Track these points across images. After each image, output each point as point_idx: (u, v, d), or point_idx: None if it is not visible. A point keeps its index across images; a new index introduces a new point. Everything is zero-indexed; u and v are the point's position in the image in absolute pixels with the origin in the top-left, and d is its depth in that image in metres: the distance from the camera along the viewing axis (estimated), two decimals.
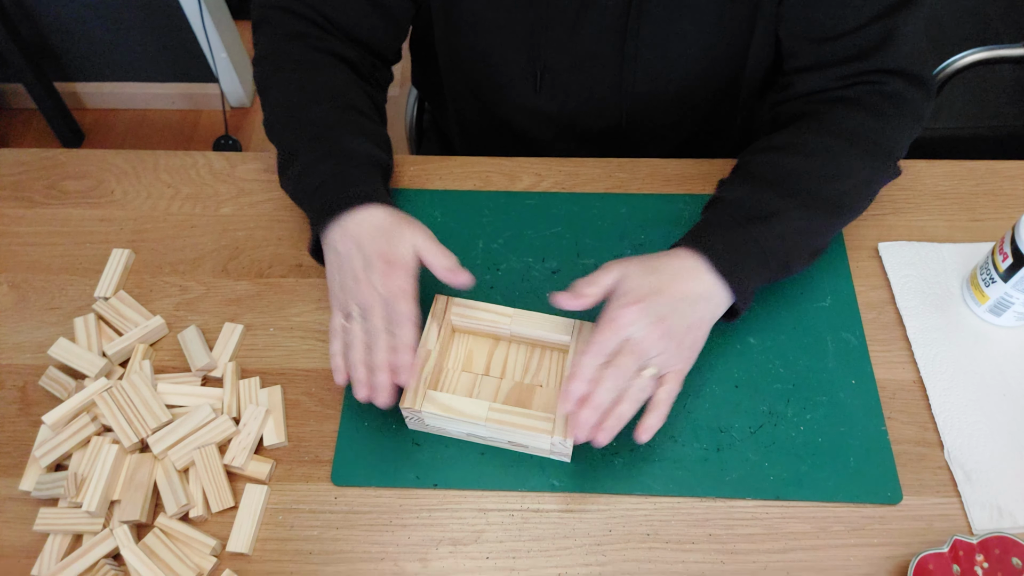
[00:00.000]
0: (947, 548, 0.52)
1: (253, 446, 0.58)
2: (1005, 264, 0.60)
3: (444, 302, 0.61)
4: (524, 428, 0.55)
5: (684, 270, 0.57)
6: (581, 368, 0.53)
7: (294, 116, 0.64)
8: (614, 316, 0.54)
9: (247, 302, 0.67)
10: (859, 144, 0.62)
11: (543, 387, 0.61)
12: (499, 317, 0.61)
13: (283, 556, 0.55)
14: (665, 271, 0.57)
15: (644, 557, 0.54)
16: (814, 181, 0.61)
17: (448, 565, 0.55)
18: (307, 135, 0.63)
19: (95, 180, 0.76)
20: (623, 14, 0.68)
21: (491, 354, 0.63)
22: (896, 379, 0.61)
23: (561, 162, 0.75)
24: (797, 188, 0.60)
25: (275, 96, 0.66)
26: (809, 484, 0.57)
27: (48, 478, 0.57)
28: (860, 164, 0.62)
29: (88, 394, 0.60)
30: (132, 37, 1.82)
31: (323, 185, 0.60)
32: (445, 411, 0.56)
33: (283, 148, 0.65)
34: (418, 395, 0.56)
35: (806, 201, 0.60)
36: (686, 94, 0.76)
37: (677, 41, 0.70)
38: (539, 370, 0.62)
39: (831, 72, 0.65)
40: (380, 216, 0.58)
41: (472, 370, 0.62)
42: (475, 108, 0.82)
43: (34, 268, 0.70)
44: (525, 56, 0.73)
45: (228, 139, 1.86)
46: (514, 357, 0.62)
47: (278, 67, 0.67)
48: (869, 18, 0.62)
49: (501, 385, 0.61)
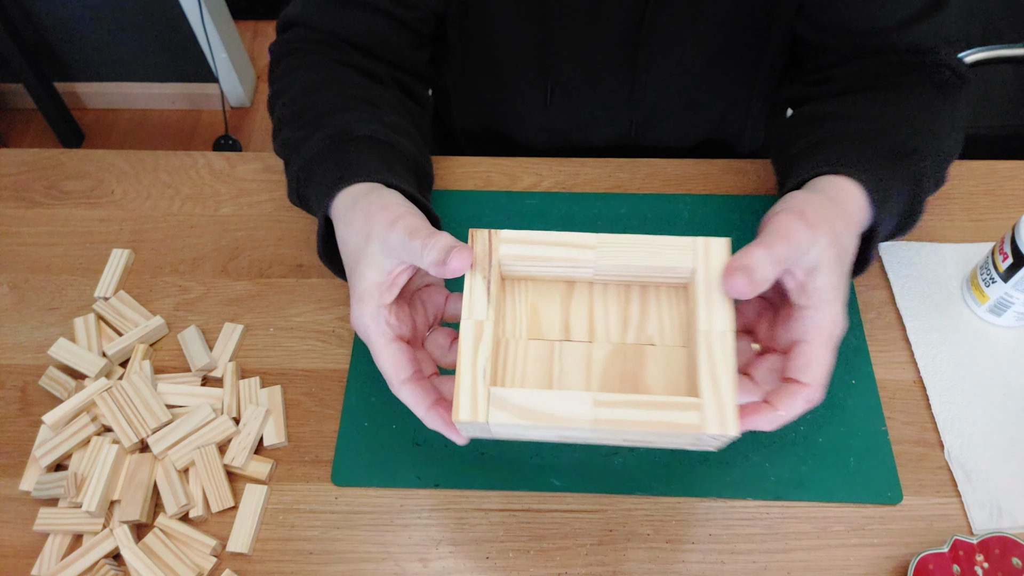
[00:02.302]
0: (947, 548, 0.52)
1: (253, 446, 0.58)
2: (1005, 264, 0.60)
3: (486, 238, 0.43)
4: (656, 426, 0.38)
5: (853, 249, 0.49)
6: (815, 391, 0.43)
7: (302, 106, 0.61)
8: (828, 328, 0.43)
9: (247, 302, 0.67)
10: (938, 105, 0.59)
11: (656, 346, 0.43)
12: (577, 250, 0.42)
13: (283, 556, 0.55)
14: (851, 248, 0.48)
15: (644, 557, 0.54)
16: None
17: (448, 565, 0.55)
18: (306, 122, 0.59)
19: (95, 180, 0.76)
20: (634, 27, 0.68)
21: (567, 307, 0.44)
22: (896, 379, 0.61)
23: (561, 162, 0.75)
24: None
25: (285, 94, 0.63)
26: (809, 484, 0.57)
27: (48, 478, 0.57)
28: (949, 121, 0.59)
29: (88, 394, 0.60)
30: (132, 37, 1.82)
31: (309, 167, 0.56)
32: (526, 417, 0.38)
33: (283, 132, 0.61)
34: (478, 398, 0.39)
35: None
36: (695, 105, 0.76)
37: (688, 53, 0.70)
38: (644, 321, 0.43)
39: (882, 59, 0.62)
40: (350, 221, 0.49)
41: (543, 336, 0.43)
42: (481, 121, 0.82)
43: (34, 268, 0.70)
44: (536, 71, 0.73)
45: (228, 139, 1.86)
46: (603, 307, 0.44)
47: (294, 68, 0.64)
48: (918, 8, 0.60)
49: (593, 353, 0.43)
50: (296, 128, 0.60)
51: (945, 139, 0.58)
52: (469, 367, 0.40)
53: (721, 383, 0.39)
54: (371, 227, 0.46)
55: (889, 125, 0.57)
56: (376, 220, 0.47)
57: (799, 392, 0.42)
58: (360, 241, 0.47)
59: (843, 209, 0.49)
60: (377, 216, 0.47)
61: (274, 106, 0.64)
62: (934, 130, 0.58)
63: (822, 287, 0.43)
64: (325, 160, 0.56)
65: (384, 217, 0.46)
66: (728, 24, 0.67)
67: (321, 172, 0.55)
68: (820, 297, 0.43)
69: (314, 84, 0.62)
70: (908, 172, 0.54)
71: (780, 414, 0.42)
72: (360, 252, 0.47)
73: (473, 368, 0.40)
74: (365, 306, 0.45)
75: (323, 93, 0.61)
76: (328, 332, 0.65)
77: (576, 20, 0.68)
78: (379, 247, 0.46)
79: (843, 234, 0.47)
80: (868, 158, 0.53)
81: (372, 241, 0.46)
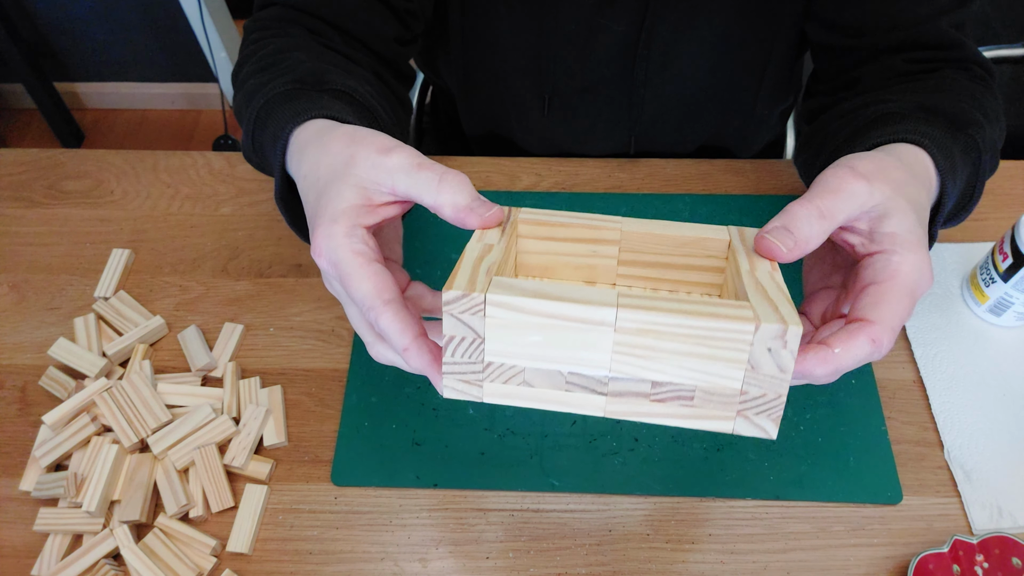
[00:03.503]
0: (947, 548, 0.52)
1: (253, 446, 0.58)
2: (1005, 264, 0.60)
3: (506, 214, 0.39)
4: (700, 316, 0.30)
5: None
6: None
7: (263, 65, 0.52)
8: (907, 272, 0.36)
9: (247, 302, 0.67)
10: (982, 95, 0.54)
11: None
12: (601, 223, 0.38)
13: (283, 556, 0.55)
14: (926, 210, 0.42)
15: (644, 557, 0.54)
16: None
17: (448, 565, 0.55)
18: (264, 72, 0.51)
19: (95, 180, 0.76)
20: (633, 39, 0.67)
21: None
22: (896, 379, 0.61)
23: (561, 162, 0.75)
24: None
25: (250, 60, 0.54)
26: (809, 484, 0.57)
27: (48, 478, 0.57)
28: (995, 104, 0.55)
29: (88, 394, 0.60)
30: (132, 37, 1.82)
31: (267, 105, 0.47)
32: (533, 295, 0.31)
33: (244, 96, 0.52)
34: (477, 277, 0.33)
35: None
36: (694, 116, 0.76)
37: (687, 64, 0.70)
38: None
39: (908, 56, 0.58)
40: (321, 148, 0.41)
41: None
42: (484, 125, 0.82)
43: (34, 268, 0.70)
44: (534, 79, 0.73)
45: (228, 139, 1.86)
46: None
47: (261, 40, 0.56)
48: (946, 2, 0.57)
49: None
50: (260, 77, 0.51)
51: (995, 121, 0.54)
52: (471, 263, 0.34)
53: (772, 294, 0.32)
54: (357, 149, 0.39)
55: (939, 101, 0.51)
56: (365, 142, 0.39)
57: (861, 329, 0.34)
58: (338, 163, 0.39)
59: (910, 167, 0.42)
60: (367, 139, 0.39)
61: (239, 72, 0.56)
62: (985, 110, 0.53)
63: (896, 231, 0.36)
64: (291, 99, 0.46)
65: (377, 141, 0.39)
66: (728, 37, 0.67)
67: (283, 111, 0.46)
68: (895, 240, 0.36)
69: (287, 45, 0.54)
70: (969, 143, 0.48)
71: (836, 352, 0.34)
72: (338, 174, 0.39)
73: (476, 264, 0.34)
74: (338, 226, 0.37)
75: (296, 52, 0.52)
76: (328, 332, 0.65)
77: (573, 32, 0.68)
78: (368, 170, 0.38)
79: (911, 189, 0.39)
80: (928, 127, 0.46)
81: (358, 163, 0.38)
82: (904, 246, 0.36)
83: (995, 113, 0.55)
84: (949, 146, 0.46)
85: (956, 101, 0.51)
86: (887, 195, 0.37)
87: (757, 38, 0.68)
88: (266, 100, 0.48)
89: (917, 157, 0.44)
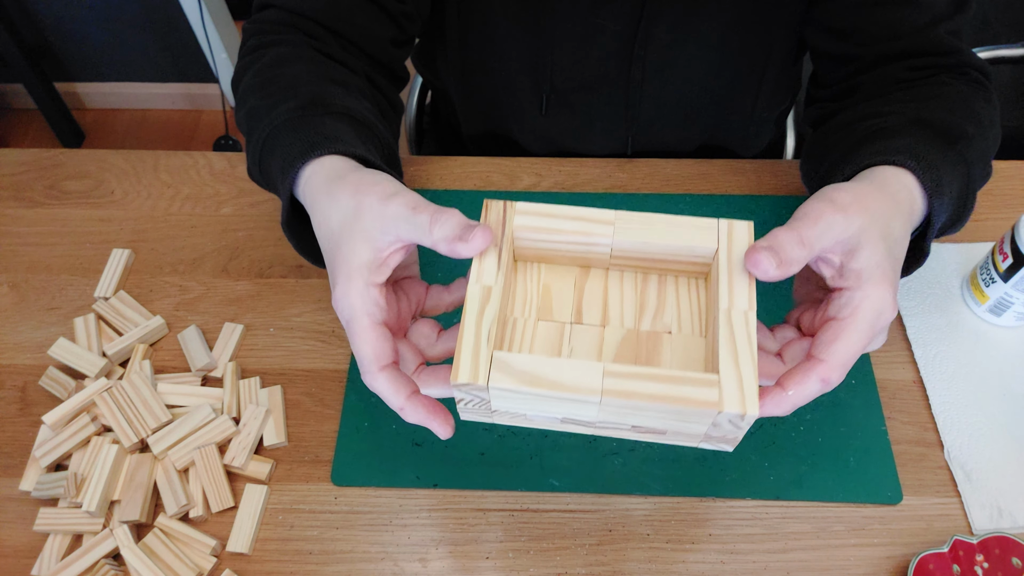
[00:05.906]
0: (947, 548, 0.52)
1: (253, 446, 0.58)
2: (1005, 264, 0.60)
3: (500, 209, 0.41)
4: (671, 400, 0.35)
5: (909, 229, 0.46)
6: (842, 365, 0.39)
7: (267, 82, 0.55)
8: (867, 309, 0.40)
9: (247, 302, 0.67)
10: (978, 104, 0.56)
11: (672, 334, 0.41)
12: (595, 224, 0.40)
13: (283, 556, 0.55)
14: (903, 238, 0.45)
15: (644, 557, 0.54)
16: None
17: (448, 565, 0.55)
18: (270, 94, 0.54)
19: (95, 180, 0.76)
20: (629, 39, 0.67)
21: (581, 289, 0.42)
22: (896, 379, 0.61)
23: (561, 162, 0.75)
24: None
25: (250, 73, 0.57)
26: (809, 484, 0.57)
27: (48, 478, 0.57)
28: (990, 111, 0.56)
29: (88, 394, 0.60)
30: (132, 37, 1.82)
31: (274, 136, 0.50)
32: (529, 383, 0.36)
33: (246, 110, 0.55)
34: (479, 360, 0.36)
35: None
36: (693, 116, 0.76)
37: (685, 65, 0.70)
38: (662, 309, 0.42)
39: (907, 63, 0.59)
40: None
41: (554, 317, 0.41)
42: (482, 124, 0.82)
43: (34, 268, 0.70)
44: (532, 78, 0.73)
45: (228, 139, 1.87)
46: (618, 293, 0.42)
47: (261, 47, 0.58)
48: (943, 9, 0.58)
49: (605, 337, 0.41)
50: (263, 97, 0.54)
51: (989, 128, 0.55)
52: (473, 329, 0.37)
53: (741, 361, 0.36)
54: (362, 199, 0.42)
55: (933, 112, 0.53)
56: (369, 192, 0.43)
57: (812, 370, 0.38)
58: (348, 215, 0.43)
59: (891, 195, 0.45)
60: (370, 189, 0.43)
61: (240, 80, 0.58)
62: (979, 119, 0.54)
63: (863, 267, 0.40)
64: (296, 129, 0.50)
65: (379, 190, 0.42)
66: (726, 40, 0.67)
67: (291, 140, 0.49)
68: (860, 277, 0.40)
69: (285, 57, 0.57)
70: (959, 158, 0.50)
71: (790, 395, 0.38)
72: (348, 227, 0.42)
73: (477, 330, 0.37)
74: (353, 284, 0.41)
75: (295, 65, 0.56)
76: (328, 332, 0.65)
77: (571, 31, 0.68)
78: (373, 221, 0.41)
79: (889, 218, 0.43)
80: (917, 145, 0.48)
81: (364, 214, 0.42)
82: (869, 281, 0.40)
83: (989, 119, 0.56)
84: (937, 164, 0.48)
85: (950, 112, 0.53)
86: (861, 227, 0.41)
87: (755, 41, 0.68)
88: (272, 129, 0.51)
89: (902, 181, 0.46)
